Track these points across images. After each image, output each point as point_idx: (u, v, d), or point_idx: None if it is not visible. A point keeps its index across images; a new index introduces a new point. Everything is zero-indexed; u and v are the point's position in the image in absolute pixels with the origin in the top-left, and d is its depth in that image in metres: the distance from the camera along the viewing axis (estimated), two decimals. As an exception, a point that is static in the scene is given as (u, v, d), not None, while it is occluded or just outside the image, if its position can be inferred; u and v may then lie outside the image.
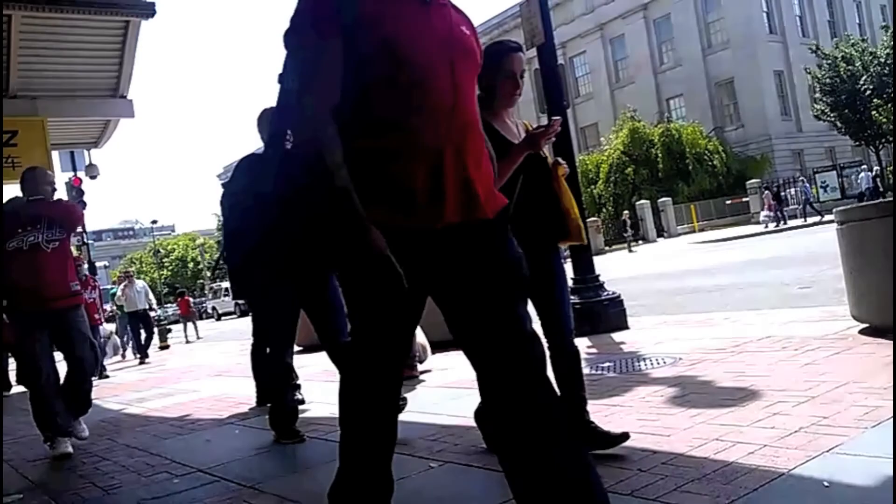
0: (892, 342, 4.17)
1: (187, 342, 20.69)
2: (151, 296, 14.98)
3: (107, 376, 11.04)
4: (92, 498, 3.66)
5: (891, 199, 5.49)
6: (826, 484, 2.28)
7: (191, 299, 25.60)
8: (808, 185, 31.28)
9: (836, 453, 2.53)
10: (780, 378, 3.80)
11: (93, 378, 10.10)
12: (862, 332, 4.68)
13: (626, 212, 33.76)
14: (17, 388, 11.16)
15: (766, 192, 30.83)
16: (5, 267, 4.75)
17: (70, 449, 4.84)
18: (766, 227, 28.38)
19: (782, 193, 31.90)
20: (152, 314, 15.86)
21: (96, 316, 11.67)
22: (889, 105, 30.20)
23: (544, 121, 3.23)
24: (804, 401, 3.26)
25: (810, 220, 28.25)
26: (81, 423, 5.13)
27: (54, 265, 4.84)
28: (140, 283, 14.78)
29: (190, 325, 22.23)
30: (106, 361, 12.01)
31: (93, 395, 8.96)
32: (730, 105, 45.99)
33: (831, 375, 3.66)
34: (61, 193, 20.25)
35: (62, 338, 4.90)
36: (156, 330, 19.40)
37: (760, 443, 2.75)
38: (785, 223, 28.78)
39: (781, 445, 2.68)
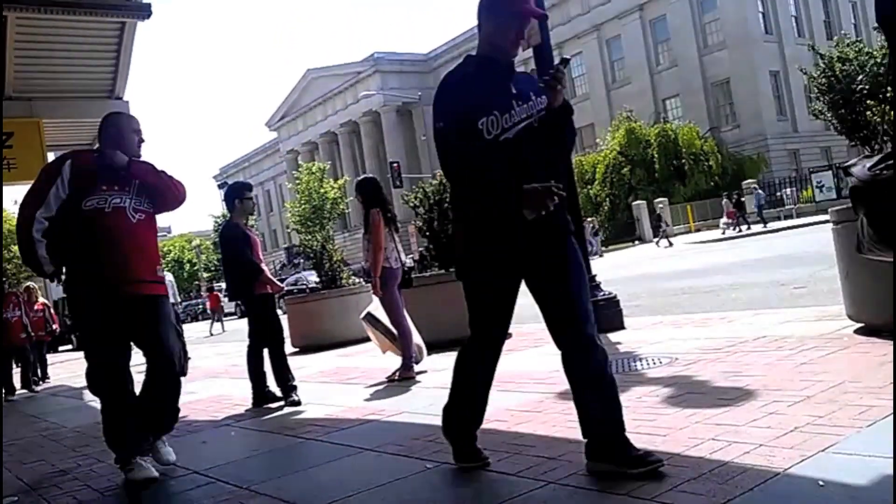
0: (887, 341, 4.18)
1: (211, 335, 22.77)
2: (175, 291, 13.44)
3: None
4: (87, 500, 3.65)
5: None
6: (821, 483, 2.28)
7: (220, 294, 26.17)
8: (761, 192, 31.57)
9: (831, 453, 2.54)
10: (776, 378, 3.81)
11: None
12: (857, 331, 4.69)
13: (659, 204, 33.27)
14: (22, 392, 11.15)
15: (726, 199, 31.53)
16: (76, 232, 3.73)
17: (154, 472, 3.76)
18: (724, 233, 29.25)
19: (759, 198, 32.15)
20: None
21: None
22: (883, 105, 30.19)
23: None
24: (800, 400, 3.26)
25: (755, 228, 29.17)
26: (165, 443, 4.08)
27: (141, 241, 3.86)
28: (168, 277, 13.51)
29: (217, 318, 24.77)
30: None
31: (89, 399, 8.94)
32: (726, 105, 46.10)
33: (827, 375, 3.66)
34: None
35: (140, 334, 3.86)
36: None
37: (756, 442, 2.75)
38: (743, 229, 29.57)
39: (777, 445, 2.69)
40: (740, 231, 29.45)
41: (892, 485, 2.02)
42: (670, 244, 28.21)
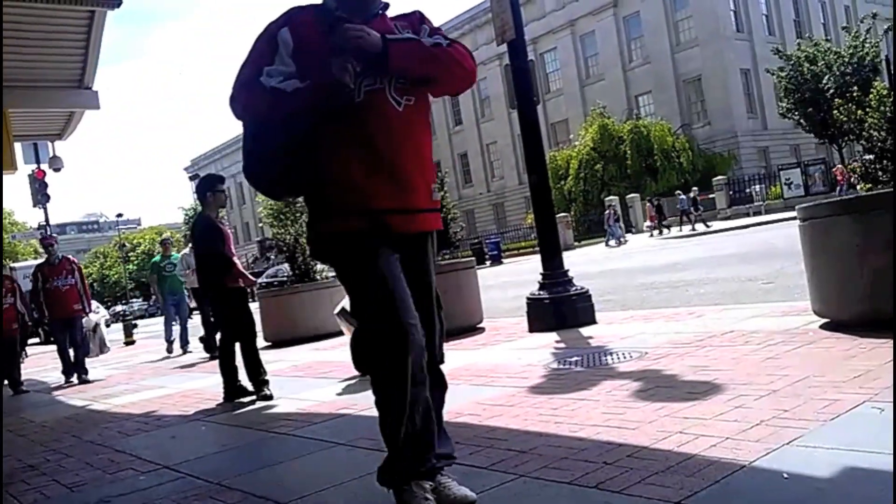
0: (851, 336, 4.27)
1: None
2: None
3: (87, 380, 9.21)
4: (56, 496, 3.61)
5: (851, 195, 5.60)
6: (786, 476, 2.33)
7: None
8: (684, 197, 32.52)
9: (796, 446, 2.59)
10: (743, 372, 3.87)
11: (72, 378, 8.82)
12: (823, 327, 4.78)
13: (694, 188, 33.39)
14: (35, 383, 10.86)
15: (649, 204, 33.03)
16: (311, 137, 2.42)
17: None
18: (651, 235, 30.11)
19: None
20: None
21: (76, 306, 9.39)
22: (850, 104, 30.69)
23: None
24: (766, 394, 3.32)
25: (685, 229, 30.68)
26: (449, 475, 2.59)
27: (415, 141, 2.47)
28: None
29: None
30: (90, 361, 10.07)
31: (58, 394, 8.81)
32: (697, 102, 46.57)
33: (792, 369, 3.73)
34: (23, 187, 19.45)
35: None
36: (120, 324, 18.88)
37: (723, 435, 2.80)
38: (667, 232, 31.31)
39: (743, 438, 2.74)
40: (661, 234, 31.11)
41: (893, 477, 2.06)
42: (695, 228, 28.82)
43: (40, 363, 14.37)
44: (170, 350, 11.70)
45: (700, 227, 29.69)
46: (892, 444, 2.28)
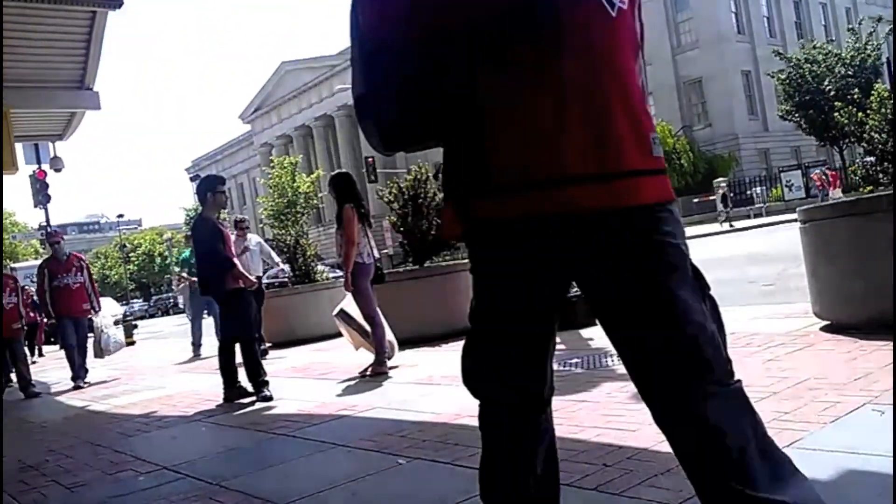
0: (851, 339, 4.27)
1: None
2: (273, 253, 10.10)
3: (87, 381, 8.83)
4: (55, 496, 3.61)
5: (851, 198, 5.60)
6: (786, 478, 2.32)
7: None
8: None
9: (796, 448, 2.58)
10: (744, 374, 3.81)
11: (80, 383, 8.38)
12: (823, 329, 4.77)
13: (723, 185, 33.19)
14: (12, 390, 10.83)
15: None
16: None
17: None
18: None
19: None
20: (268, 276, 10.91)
21: (85, 306, 8.94)
22: (850, 107, 30.76)
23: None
24: (766, 396, 3.31)
25: None
26: None
27: (625, 61, 1.48)
28: (255, 239, 9.69)
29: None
30: (90, 362, 9.32)
31: (58, 395, 8.79)
32: (698, 104, 46.58)
33: (793, 372, 3.73)
34: (24, 187, 19.40)
35: (616, 300, 1.55)
36: (121, 327, 18.85)
37: (723, 438, 2.79)
38: None
39: (744, 440, 2.73)
40: None
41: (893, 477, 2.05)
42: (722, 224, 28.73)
43: (41, 363, 14.37)
44: (197, 353, 10.77)
45: (726, 224, 29.20)
46: (893, 447, 2.27)
